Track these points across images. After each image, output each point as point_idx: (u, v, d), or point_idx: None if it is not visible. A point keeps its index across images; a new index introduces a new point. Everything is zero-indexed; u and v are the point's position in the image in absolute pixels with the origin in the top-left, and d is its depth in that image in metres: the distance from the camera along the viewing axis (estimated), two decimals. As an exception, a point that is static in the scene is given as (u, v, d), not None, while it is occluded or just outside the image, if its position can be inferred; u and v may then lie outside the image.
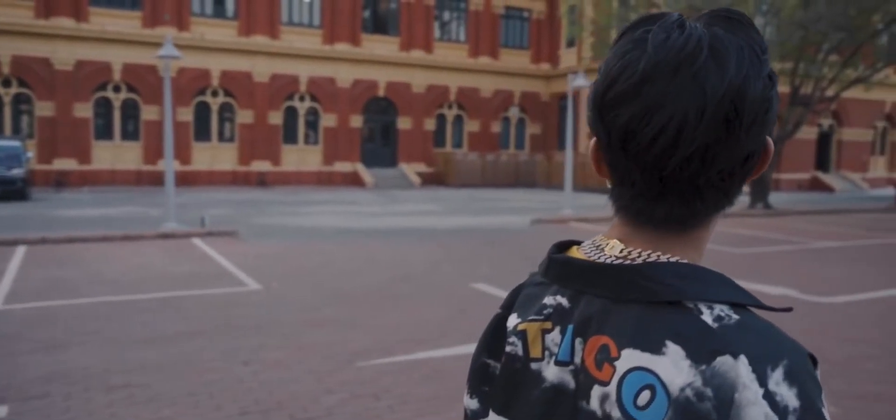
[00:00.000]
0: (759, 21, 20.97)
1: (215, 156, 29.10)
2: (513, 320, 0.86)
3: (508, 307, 0.90)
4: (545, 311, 0.82)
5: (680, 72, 0.70)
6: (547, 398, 0.78)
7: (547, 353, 0.80)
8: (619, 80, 0.73)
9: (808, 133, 29.94)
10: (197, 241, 12.56)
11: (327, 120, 30.89)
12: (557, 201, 22.48)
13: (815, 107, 21.65)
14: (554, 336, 0.80)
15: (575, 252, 0.86)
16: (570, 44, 33.94)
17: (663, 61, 0.71)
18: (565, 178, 19.60)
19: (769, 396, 0.65)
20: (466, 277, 9.47)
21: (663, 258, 0.76)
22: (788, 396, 0.65)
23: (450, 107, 33.76)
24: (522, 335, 0.83)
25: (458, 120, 34.17)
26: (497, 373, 0.89)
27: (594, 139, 0.81)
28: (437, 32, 33.40)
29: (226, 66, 28.63)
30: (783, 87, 24.61)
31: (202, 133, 28.80)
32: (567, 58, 34.35)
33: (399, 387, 5.17)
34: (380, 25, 32.32)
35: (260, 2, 29.13)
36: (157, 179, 26.90)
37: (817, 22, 18.08)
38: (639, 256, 0.77)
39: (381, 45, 31.88)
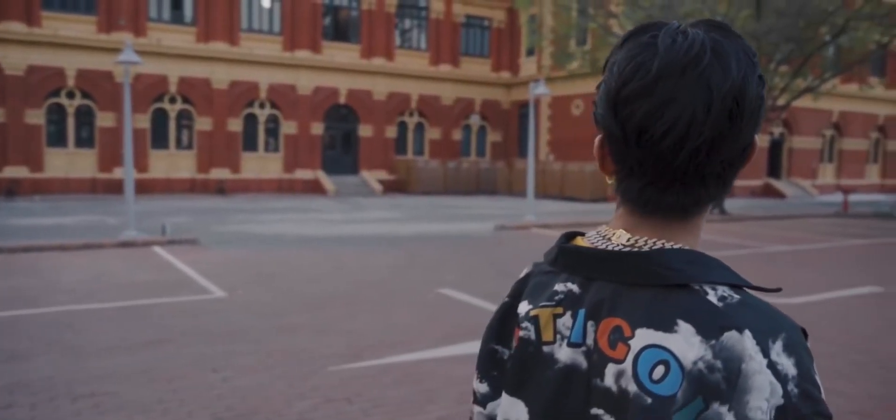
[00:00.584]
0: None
1: (173, 163, 28.63)
2: (524, 307, 0.92)
3: (516, 296, 0.97)
4: (556, 298, 0.88)
5: (688, 71, 0.78)
6: (560, 378, 0.85)
7: (559, 336, 0.87)
8: (634, 78, 0.80)
9: (760, 141, 30.80)
10: (158, 250, 12.37)
11: (288, 127, 30.66)
12: (519, 208, 22.67)
13: (768, 115, 22.30)
14: (565, 320, 0.87)
15: (581, 242, 0.94)
16: (530, 53, 34.35)
17: (673, 62, 0.79)
18: (527, 185, 19.80)
19: (772, 366, 0.73)
20: (433, 283, 9.54)
21: (668, 245, 0.84)
22: (788, 365, 0.74)
23: (411, 114, 33.82)
24: (535, 320, 0.89)
25: (420, 127, 34.25)
26: (505, 358, 0.96)
27: (599, 136, 0.88)
28: (397, 40, 33.45)
29: (184, 73, 28.23)
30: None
31: (159, 140, 28.32)
32: (527, 66, 34.74)
33: (371, 391, 5.20)
34: (340, 33, 32.25)
35: (219, 8, 28.82)
36: (112, 187, 26.34)
37: (769, 33, 18.67)
38: (646, 244, 0.85)
39: (342, 53, 31.80)
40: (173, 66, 27.89)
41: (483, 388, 0.99)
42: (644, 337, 0.78)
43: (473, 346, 6.35)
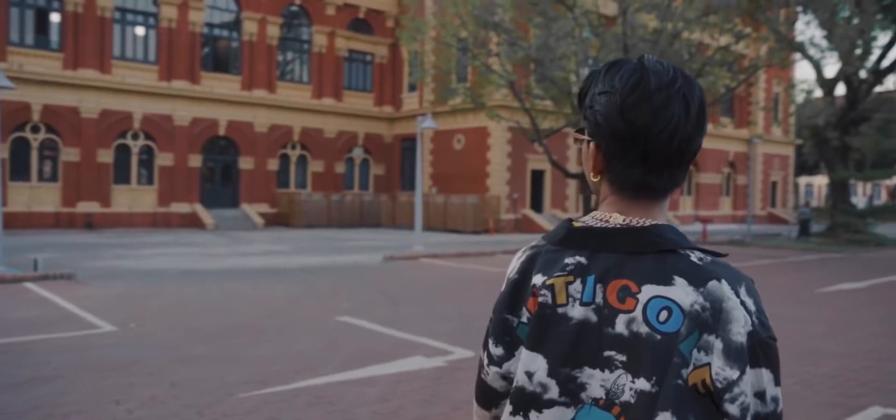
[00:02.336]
0: (584, 73, 23.04)
1: (35, 196, 26.79)
2: (540, 278, 1.16)
3: (523, 273, 1.21)
4: (567, 268, 1.14)
5: (672, 87, 1.10)
6: (574, 331, 1.11)
7: (571, 299, 1.12)
8: (637, 91, 1.10)
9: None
10: (30, 286, 11.63)
11: (163, 159, 29.52)
12: (404, 240, 22.99)
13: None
14: (576, 286, 1.12)
15: (580, 225, 1.21)
16: (412, 88, 35.03)
17: (662, 80, 1.10)
18: (415, 216, 20.16)
19: (743, 303, 1.04)
20: (331, 311, 9.61)
21: (657, 222, 1.14)
22: (750, 303, 1.05)
23: (293, 147, 33.49)
24: (551, 288, 1.14)
25: (302, 160, 33.95)
26: (514, 325, 1.20)
27: (593, 144, 1.17)
28: (279, 73, 33.16)
29: (49, 100, 26.62)
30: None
31: (20, 172, 26.44)
32: (409, 101, 35.38)
33: (286, 414, 5.27)
34: (220, 64, 31.57)
35: (88, 33, 27.49)
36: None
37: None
38: (639, 223, 1.14)
39: (222, 84, 31.12)
40: (37, 93, 26.25)
41: (498, 351, 1.22)
42: (649, 291, 1.06)
43: (380, 369, 6.55)
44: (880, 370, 6.84)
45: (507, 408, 1.18)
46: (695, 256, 1.09)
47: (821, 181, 62.65)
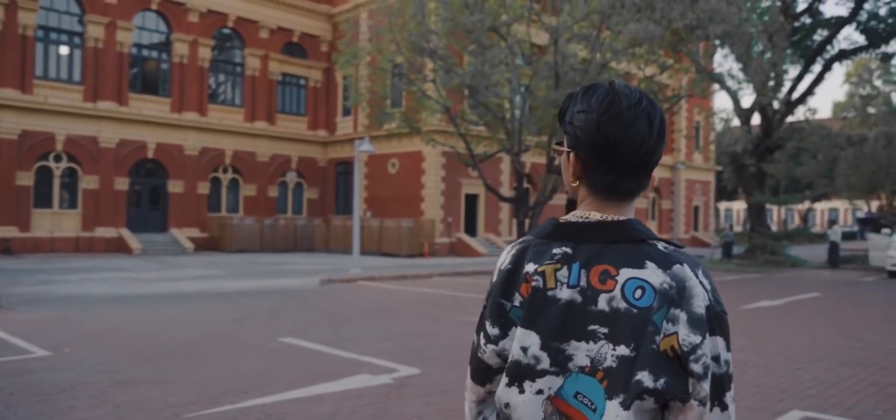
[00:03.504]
0: (517, 100, 23.66)
1: (-53, 221, 25.47)
2: (531, 266, 1.36)
3: (516, 263, 1.40)
4: (555, 257, 1.35)
5: (638, 107, 1.34)
6: (562, 310, 1.31)
7: (559, 283, 1.33)
8: (610, 110, 1.33)
9: (558, 199, 33.71)
10: (-50, 312, 11.13)
11: (88, 182, 28.56)
12: (339, 263, 22.93)
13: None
14: (563, 272, 1.33)
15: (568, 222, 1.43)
16: (347, 113, 35.06)
17: (631, 101, 1.34)
18: (353, 239, 20.21)
19: (701, 283, 1.27)
20: (273, 333, 9.59)
21: (628, 218, 1.37)
22: (706, 283, 1.29)
23: (225, 170, 32.93)
24: (542, 274, 1.35)
25: (234, 184, 33.42)
26: (508, 308, 1.39)
27: (573, 154, 1.40)
28: (211, 95, 32.65)
29: (-36, 120, 25.45)
30: (540, 158, 27.75)
31: (-69, 195, 25.13)
32: (343, 125, 35.38)
33: (236, 430, 5.30)
34: (149, 85, 30.87)
35: (8, 51, 26.48)
36: None
37: (566, 102, 20.87)
38: (614, 218, 1.36)
39: (151, 106, 30.42)
40: (-49, 113, 25.07)
41: (495, 331, 1.41)
42: (626, 273, 1.28)
43: (327, 387, 6.63)
44: (797, 378, 7.34)
45: (503, 380, 1.37)
46: (661, 245, 1.32)
47: (739, 206, 65.65)
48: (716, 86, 30.55)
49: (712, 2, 20.46)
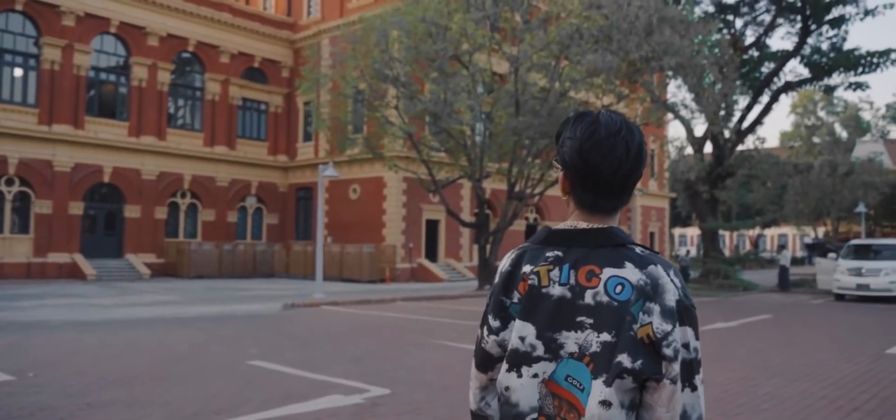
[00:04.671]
0: (478, 127, 24.05)
1: None
2: (528, 267, 1.58)
3: (515, 265, 1.62)
4: (548, 260, 1.56)
5: (617, 135, 1.55)
6: (554, 304, 1.52)
7: (551, 281, 1.54)
8: (591, 138, 1.54)
9: (518, 225, 34.17)
10: None
11: (41, 206, 27.94)
12: (300, 288, 22.86)
13: (527, 201, 25.12)
14: (555, 272, 1.55)
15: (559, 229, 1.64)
16: (308, 138, 35.06)
17: (610, 130, 1.55)
18: (317, 264, 20.19)
19: (672, 281, 1.49)
20: (240, 356, 9.59)
21: (610, 226, 1.58)
22: (677, 281, 1.50)
23: (183, 195, 32.55)
24: (537, 274, 1.56)
25: (193, 209, 33.03)
26: (507, 304, 1.60)
27: (562, 173, 1.62)
28: (170, 119, 32.34)
29: (-89, 143, 24.73)
30: (501, 185, 28.11)
31: None
32: (304, 150, 35.35)
33: (213, 449, 5.35)
34: (107, 108, 30.45)
35: (-40, 73, 25.90)
36: None
37: (527, 129, 21.32)
38: (599, 227, 1.58)
39: (108, 129, 29.99)
40: None
41: (496, 323, 1.61)
42: (608, 272, 1.49)
43: (300, 407, 6.71)
44: (752, 394, 7.68)
45: (503, 367, 1.57)
46: (638, 249, 1.54)
47: (693, 231, 67.19)
48: (670, 115, 31.48)
49: (666, 35, 21.19)
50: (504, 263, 1.66)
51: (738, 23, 31.62)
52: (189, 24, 32.11)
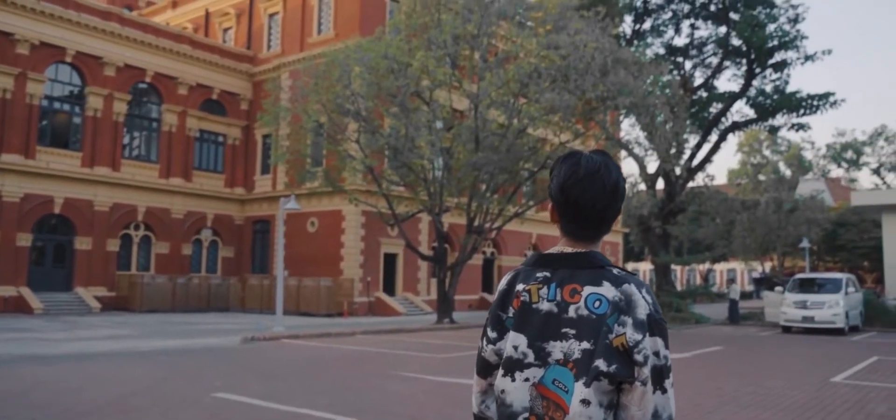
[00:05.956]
0: (438, 161, 24.37)
1: None
2: (521, 286, 1.82)
3: (511, 283, 1.86)
4: (538, 279, 1.81)
5: (595, 175, 1.80)
6: (543, 318, 1.76)
7: (541, 298, 1.79)
8: (572, 177, 1.79)
9: (476, 259, 34.47)
10: None
11: (-13, 238, 27.12)
12: (257, 322, 22.55)
13: (486, 235, 25.46)
14: (544, 290, 1.79)
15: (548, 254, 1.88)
16: (266, 170, 34.89)
17: (588, 170, 1.80)
18: (277, 297, 20.11)
19: (644, 298, 1.73)
20: (204, 388, 9.55)
21: (591, 250, 1.83)
22: (649, 298, 1.75)
23: (137, 227, 31.97)
24: (529, 292, 1.81)
25: (146, 241, 32.44)
26: (503, 318, 1.84)
27: (552, 205, 1.87)
28: (125, 150, 31.86)
29: None
30: (460, 219, 28.43)
31: None
32: (261, 183, 35.13)
33: (187, 478, 5.39)
34: (59, 138, 29.86)
35: None
36: None
37: (487, 165, 21.72)
38: (581, 251, 1.82)
39: (60, 159, 29.38)
40: None
41: (494, 334, 1.85)
42: (588, 290, 1.74)
43: (271, 436, 6.75)
44: (708, 420, 8.01)
45: (500, 372, 1.81)
46: (615, 271, 1.78)
47: (646, 266, 68.44)
48: (624, 152, 32.36)
49: (621, 75, 21.94)
50: (501, 283, 1.91)
51: (688, 65, 32.91)
52: (147, 55, 31.85)
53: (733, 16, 30.71)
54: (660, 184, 32.26)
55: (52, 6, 28.87)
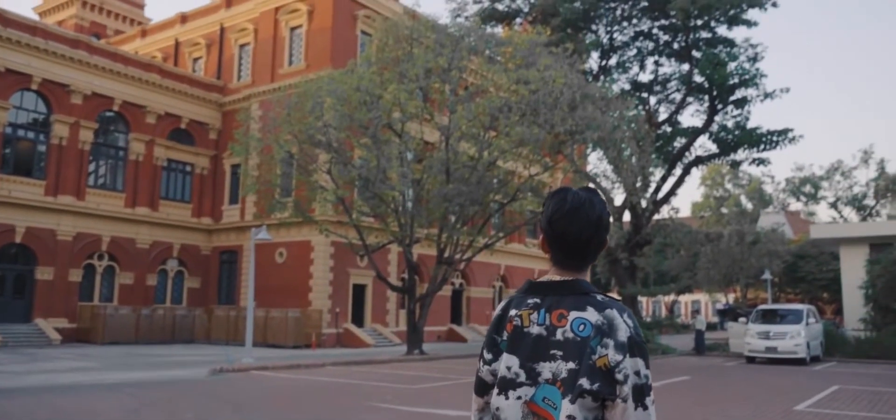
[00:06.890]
0: (409, 193, 24.51)
1: None
2: (513, 311, 1.98)
3: (505, 309, 2.03)
4: (529, 305, 1.96)
5: (580, 209, 1.97)
6: (534, 341, 1.92)
7: (532, 322, 1.94)
8: (559, 211, 1.96)
9: (445, 290, 34.51)
10: None
11: (-56, 267, 26.41)
12: (224, 354, 22.32)
13: (456, 266, 25.59)
14: (534, 315, 1.95)
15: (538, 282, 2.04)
16: (234, 200, 34.61)
17: (574, 205, 1.97)
18: (247, 329, 19.94)
19: (625, 322, 1.89)
20: (176, 421, 9.46)
21: (577, 278, 1.98)
22: (631, 323, 1.90)
23: (100, 257, 31.41)
24: (520, 317, 1.97)
25: (110, 271, 31.86)
26: (498, 341, 2.00)
27: (542, 236, 2.03)
28: (91, 179, 31.39)
29: None
30: (431, 250, 28.54)
31: None
32: (229, 213, 34.82)
33: None
34: (22, 166, 29.34)
35: None
36: None
37: (457, 196, 21.93)
38: (568, 279, 1.97)
39: (23, 188, 28.83)
40: None
41: (489, 356, 2.01)
42: (574, 314, 1.89)
43: (248, 467, 6.73)
44: (678, 448, 8.18)
45: (495, 391, 1.96)
46: (599, 297, 1.94)
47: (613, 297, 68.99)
48: (591, 185, 32.86)
49: (589, 110, 22.40)
50: (497, 309, 2.07)
51: (653, 100, 33.65)
52: (115, 84, 31.58)
53: (696, 54, 31.57)
54: (626, 216, 32.76)
55: (19, 33, 28.56)
